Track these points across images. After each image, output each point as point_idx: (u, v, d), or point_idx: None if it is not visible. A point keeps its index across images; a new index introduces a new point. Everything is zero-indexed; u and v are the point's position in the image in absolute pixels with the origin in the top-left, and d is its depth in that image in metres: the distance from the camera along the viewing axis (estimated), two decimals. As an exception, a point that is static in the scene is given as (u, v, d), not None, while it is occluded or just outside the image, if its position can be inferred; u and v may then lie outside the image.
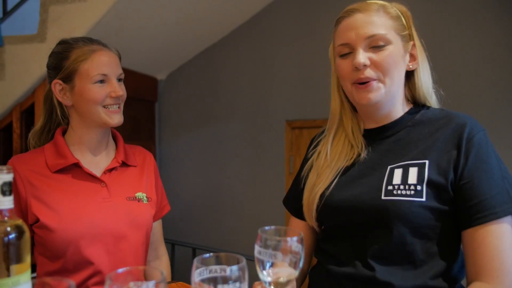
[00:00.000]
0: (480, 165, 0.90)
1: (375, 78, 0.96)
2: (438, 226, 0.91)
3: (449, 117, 0.98)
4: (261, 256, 0.73)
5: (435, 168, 0.92)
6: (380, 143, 1.03)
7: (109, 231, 1.16)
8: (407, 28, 1.00)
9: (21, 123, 2.69)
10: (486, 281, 0.85)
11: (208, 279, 0.67)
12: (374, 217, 0.93)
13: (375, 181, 0.97)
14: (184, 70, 3.68)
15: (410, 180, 0.92)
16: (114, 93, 1.18)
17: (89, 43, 1.20)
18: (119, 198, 1.21)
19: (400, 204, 0.90)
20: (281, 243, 0.73)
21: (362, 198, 0.96)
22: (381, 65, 0.95)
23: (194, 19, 3.04)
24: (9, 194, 0.74)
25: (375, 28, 0.95)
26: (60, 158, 1.19)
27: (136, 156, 1.33)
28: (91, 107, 1.18)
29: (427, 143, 0.96)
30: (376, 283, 0.91)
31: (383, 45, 0.95)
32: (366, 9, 0.98)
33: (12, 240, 0.72)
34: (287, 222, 3.16)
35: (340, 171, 1.03)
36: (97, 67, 1.17)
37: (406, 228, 0.90)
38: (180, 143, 3.72)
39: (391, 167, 0.97)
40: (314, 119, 3.07)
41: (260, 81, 3.34)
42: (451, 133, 0.94)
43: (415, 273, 0.91)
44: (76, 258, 1.12)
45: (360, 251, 0.96)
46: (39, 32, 2.57)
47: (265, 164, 3.31)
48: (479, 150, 0.91)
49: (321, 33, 3.00)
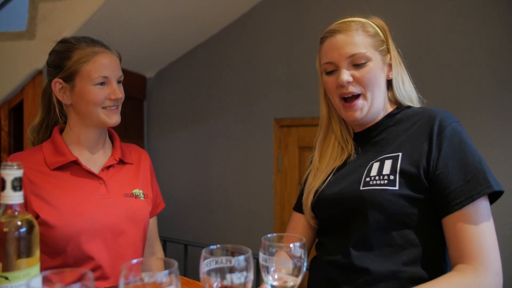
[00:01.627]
0: (454, 155, 0.95)
1: (358, 93, 1.07)
2: (414, 214, 0.96)
3: (424, 112, 1.05)
4: (266, 263, 0.77)
5: (408, 159, 0.99)
6: (367, 144, 1.12)
7: (108, 227, 1.18)
8: (384, 42, 1.10)
9: (9, 121, 2.67)
10: (468, 263, 0.90)
11: (215, 270, 0.70)
12: (353, 206, 1.02)
13: (357, 176, 1.05)
14: (172, 68, 3.68)
15: (384, 171, 1.00)
16: (114, 96, 1.20)
17: (92, 44, 1.21)
18: (117, 194, 1.23)
19: (375, 192, 0.98)
20: (284, 249, 0.77)
21: (345, 191, 1.05)
22: (362, 81, 1.06)
23: (183, 18, 3.05)
24: (19, 189, 0.76)
25: (355, 48, 1.05)
26: (59, 155, 1.20)
27: (132, 154, 1.35)
28: (90, 108, 1.20)
29: (403, 138, 1.04)
30: (354, 269, 0.98)
31: (364, 62, 1.05)
32: (346, 29, 1.07)
33: (23, 234, 0.75)
34: (275, 219, 3.21)
35: (333, 171, 1.13)
36: (99, 70, 1.18)
37: (382, 215, 0.97)
38: (169, 141, 3.73)
39: (372, 162, 1.05)
40: (302, 118, 3.12)
41: (249, 80, 3.37)
42: (422, 126, 1.02)
43: (392, 259, 0.96)
44: (76, 253, 1.14)
45: (343, 240, 1.03)
46: (28, 29, 2.55)
47: (254, 161, 3.35)
48: (451, 140, 0.97)
49: (309, 33, 3.05)
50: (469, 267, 0.89)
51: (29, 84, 2.60)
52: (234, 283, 0.68)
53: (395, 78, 1.10)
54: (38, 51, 2.54)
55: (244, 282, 0.69)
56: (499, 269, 0.90)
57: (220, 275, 0.70)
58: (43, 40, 2.54)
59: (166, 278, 0.62)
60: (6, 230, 0.73)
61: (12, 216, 0.75)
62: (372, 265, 0.97)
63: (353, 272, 0.99)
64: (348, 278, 0.99)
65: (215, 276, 0.70)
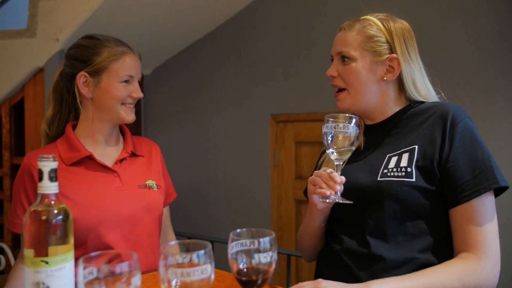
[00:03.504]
0: (464, 149, 1.02)
1: (342, 87, 1.15)
2: (427, 205, 1.04)
3: (437, 107, 1.11)
4: (328, 129, 1.03)
5: (423, 152, 1.05)
6: (379, 137, 1.17)
7: (125, 218, 1.23)
8: (386, 42, 1.13)
9: (10, 118, 2.69)
10: (471, 252, 0.98)
11: (242, 251, 0.76)
12: (370, 196, 1.07)
13: (374, 167, 1.11)
14: (169, 65, 3.72)
15: (402, 163, 1.06)
16: (135, 94, 1.28)
17: (120, 44, 1.29)
18: (131, 186, 1.28)
19: (392, 183, 1.04)
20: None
21: (361, 181, 1.10)
22: (343, 77, 1.14)
23: (179, 15, 3.09)
24: (55, 180, 0.81)
25: (343, 46, 1.14)
26: (74, 151, 1.25)
27: (143, 147, 1.41)
28: (113, 103, 1.26)
29: (418, 131, 1.10)
30: (371, 257, 1.05)
31: (348, 60, 1.13)
32: (347, 28, 1.15)
33: (59, 222, 0.80)
34: (273, 212, 3.27)
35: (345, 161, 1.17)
36: (127, 68, 1.26)
37: (398, 205, 1.03)
38: (166, 138, 3.77)
39: (389, 155, 1.11)
40: (298, 113, 3.18)
41: (245, 76, 3.42)
42: (436, 121, 1.08)
43: (406, 247, 1.03)
44: (96, 244, 1.19)
45: (359, 229, 1.09)
46: (29, 27, 2.57)
47: (251, 157, 3.41)
48: (463, 135, 1.03)
49: (304, 29, 3.11)
50: (472, 255, 0.98)
51: (29, 82, 2.62)
52: (261, 262, 0.74)
53: (404, 79, 1.13)
54: (39, 49, 2.56)
55: (270, 261, 0.75)
56: (498, 259, 0.99)
57: (246, 256, 0.76)
58: (44, 38, 2.56)
59: (202, 258, 0.67)
60: (44, 218, 0.78)
61: (48, 205, 0.80)
62: (388, 253, 1.03)
63: (369, 259, 1.05)
64: (364, 266, 1.05)
65: (241, 257, 0.76)
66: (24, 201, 1.21)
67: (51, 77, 2.57)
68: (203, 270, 0.67)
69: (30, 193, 1.20)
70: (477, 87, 2.50)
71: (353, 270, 1.06)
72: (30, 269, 0.76)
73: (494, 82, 2.45)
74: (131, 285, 0.63)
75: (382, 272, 1.02)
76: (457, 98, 2.54)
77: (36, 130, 2.62)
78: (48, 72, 2.58)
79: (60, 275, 0.77)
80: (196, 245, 0.71)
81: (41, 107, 2.60)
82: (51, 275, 0.76)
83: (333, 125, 1.04)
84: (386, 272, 1.02)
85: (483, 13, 2.48)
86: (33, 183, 1.20)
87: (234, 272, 0.77)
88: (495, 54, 2.44)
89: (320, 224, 1.16)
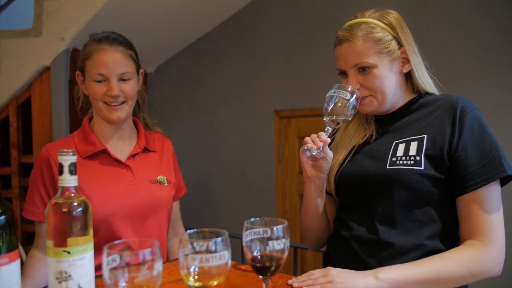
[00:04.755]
0: (473, 139, 1.05)
1: (367, 95, 1.14)
2: (436, 193, 1.06)
3: (446, 98, 1.14)
4: (333, 92, 1.12)
5: (432, 141, 1.08)
6: (389, 127, 1.19)
7: (135, 211, 1.27)
8: (395, 38, 1.13)
9: (17, 117, 2.73)
10: (478, 239, 1.01)
11: (256, 239, 0.80)
12: (379, 184, 1.10)
13: (382, 155, 1.13)
14: (172, 62, 3.75)
15: (411, 152, 1.09)
16: (109, 93, 1.25)
17: (98, 42, 1.27)
18: (142, 181, 1.32)
19: (402, 171, 1.07)
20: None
21: (370, 169, 1.13)
22: (368, 86, 1.13)
23: (182, 12, 3.11)
24: (75, 173, 0.84)
25: (358, 58, 1.11)
26: (89, 145, 1.29)
27: (156, 142, 1.44)
28: (94, 102, 1.29)
29: (427, 121, 1.13)
30: (380, 243, 1.07)
31: (368, 69, 1.11)
32: (351, 38, 1.12)
33: (79, 214, 0.83)
34: (277, 207, 3.31)
35: (354, 148, 1.21)
36: (96, 67, 1.25)
37: (407, 193, 1.06)
38: (170, 134, 3.75)
39: (396, 142, 1.13)
40: (302, 109, 3.21)
41: (248, 73, 3.44)
42: (445, 111, 1.10)
43: (414, 234, 1.06)
44: (107, 235, 1.23)
45: (368, 216, 1.12)
46: (34, 27, 2.60)
47: (255, 153, 3.44)
48: (472, 125, 1.06)
49: (307, 25, 3.13)
50: (478, 242, 1.01)
51: (36, 81, 2.65)
52: (275, 249, 0.78)
53: (414, 69, 1.16)
54: (45, 48, 2.59)
55: (283, 248, 0.78)
56: (503, 246, 1.02)
57: (260, 244, 0.79)
58: (50, 37, 2.59)
59: (219, 244, 0.71)
60: (66, 210, 0.81)
61: (68, 198, 0.83)
62: (397, 239, 1.06)
63: (378, 246, 1.08)
64: (373, 252, 1.08)
65: (255, 245, 0.79)
66: (41, 189, 1.24)
67: (58, 75, 2.61)
68: (220, 256, 0.70)
69: (48, 183, 1.24)
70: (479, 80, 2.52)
71: (361, 256, 1.09)
72: (53, 259, 0.79)
73: (495, 74, 2.47)
74: (153, 270, 0.66)
75: (390, 258, 1.05)
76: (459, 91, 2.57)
77: (44, 129, 2.66)
78: (54, 71, 2.61)
79: (82, 265, 0.80)
80: (213, 233, 0.74)
81: (48, 105, 2.63)
82: (73, 265, 0.79)
83: (339, 91, 1.12)
84: (394, 259, 1.05)
85: (484, 5, 2.50)
86: (50, 173, 1.23)
87: (248, 259, 0.80)
88: (496, 46, 2.46)
89: (315, 199, 1.18)
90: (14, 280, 0.80)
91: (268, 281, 0.82)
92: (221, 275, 0.71)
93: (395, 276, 0.96)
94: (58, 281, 0.79)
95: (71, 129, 2.63)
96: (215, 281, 0.71)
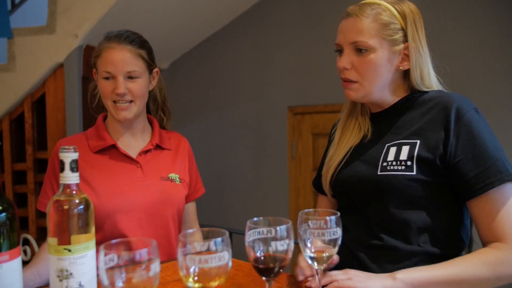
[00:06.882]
0: (472, 142, 0.98)
1: (354, 81, 1.08)
2: (429, 197, 1.02)
3: (440, 98, 1.06)
4: (306, 235, 0.82)
5: (425, 146, 1.02)
6: (382, 125, 1.14)
7: (143, 208, 1.27)
8: (401, 29, 1.06)
9: (32, 113, 2.76)
10: (503, 241, 0.96)
11: (259, 239, 0.77)
12: (371, 190, 1.06)
13: (374, 158, 1.09)
14: (186, 59, 3.74)
15: (401, 156, 1.03)
16: (115, 90, 1.25)
17: (108, 40, 1.28)
18: (153, 178, 1.31)
19: (393, 177, 1.02)
20: (322, 222, 0.82)
21: (363, 174, 1.09)
22: (360, 70, 1.06)
23: (195, 8, 3.10)
24: (76, 170, 0.83)
25: (359, 35, 1.04)
26: (100, 140, 1.31)
27: (172, 141, 1.43)
28: (104, 100, 1.31)
29: (419, 123, 1.06)
30: (378, 247, 1.04)
31: (365, 51, 1.05)
32: (358, 14, 1.05)
33: (81, 211, 0.82)
34: (290, 204, 3.28)
35: (350, 150, 1.16)
36: (104, 65, 1.26)
37: (400, 199, 1.02)
38: (183, 131, 3.77)
39: (388, 145, 1.08)
40: (315, 105, 3.17)
41: (262, 69, 3.42)
42: (439, 113, 1.03)
43: (410, 239, 1.02)
44: (112, 231, 1.23)
45: (364, 221, 1.08)
46: (48, 24, 2.62)
47: (268, 149, 3.42)
48: (470, 128, 0.99)
49: (321, 20, 3.08)
50: (505, 245, 0.96)
51: (50, 78, 2.68)
52: (278, 250, 0.75)
53: (412, 69, 1.08)
54: (59, 45, 2.61)
55: (287, 249, 0.76)
56: None
57: (263, 244, 0.77)
58: (63, 34, 2.61)
59: (220, 245, 0.68)
60: (67, 208, 0.80)
61: (70, 195, 0.82)
62: (395, 244, 1.03)
63: (377, 250, 1.04)
64: (373, 257, 1.05)
65: (258, 245, 0.77)
66: (53, 182, 1.27)
67: (71, 72, 2.63)
68: (220, 257, 0.68)
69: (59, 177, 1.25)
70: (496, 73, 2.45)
71: (361, 259, 1.06)
72: (54, 257, 0.78)
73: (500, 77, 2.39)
74: (150, 271, 0.65)
75: (390, 263, 1.02)
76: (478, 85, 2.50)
77: (58, 125, 2.68)
78: (68, 68, 2.63)
79: (83, 263, 0.79)
80: (214, 233, 0.72)
81: (62, 102, 2.66)
82: (73, 263, 0.78)
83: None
84: (394, 263, 1.02)
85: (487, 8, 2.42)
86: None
87: (251, 260, 0.78)
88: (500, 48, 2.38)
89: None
90: (15, 277, 0.79)
91: (271, 282, 0.79)
92: (221, 276, 0.69)
93: (414, 276, 0.93)
94: (59, 279, 0.78)
95: (84, 125, 2.65)
96: (215, 282, 0.69)
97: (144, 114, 1.38)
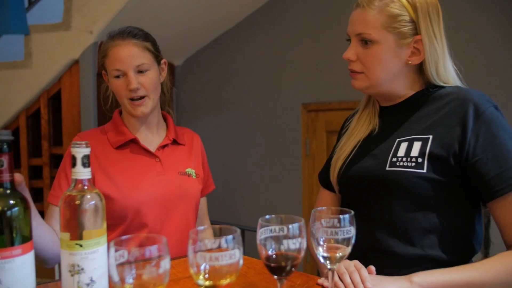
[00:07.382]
0: (493, 141, 0.94)
1: (359, 72, 1.05)
2: (440, 197, 0.97)
3: (457, 93, 1.02)
4: (319, 233, 0.80)
5: (438, 142, 0.97)
6: (393, 119, 1.10)
7: (162, 201, 1.28)
8: (411, 22, 1.01)
9: (48, 109, 2.79)
10: None
11: (271, 237, 0.76)
12: (378, 186, 1.02)
13: (383, 153, 1.05)
14: (200, 55, 3.74)
15: (412, 153, 0.99)
16: (128, 86, 1.25)
17: (112, 38, 1.28)
18: (171, 172, 1.32)
19: (401, 174, 0.98)
20: (335, 221, 0.80)
21: (370, 168, 1.05)
22: (365, 62, 1.04)
23: (209, 5, 3.09)
24: (88, 166, 0.82)
25: (363, 27, 1.02)
26: (120, 135, 1.32)
27: (185, 136, 1.44)
28: (119, 99, 1.31)
29: (434, 118, 1.02)
30: (379, 251, 1.01)
31: (370, 43, 1.02)
32: (365, 5, 1.02)
33: (92, 207, 0.82)
34: (304, 202, 3.26)
35: (358, 143, 1.12)
36: (113, 63, 1.26)
37: (406, 197, 0.98)
38: (197, 128, 3.79)
39: (398, 140, 1.04)
40: (330, 102, 3.14)
41: (276, 66, 3.40)
42: (455, 108, 0.99)
43: (416, 242, 0.98)
44: (134, 224, 1.24)
45: (367, 221, 1.04)
46: (64, 21, 2.65)
47: (282, 146, 3.40)
48: (490, 126, 0.95)
49: (336, 17, 3.05)
50: None
51: (66, 74, 2.71)
52: (290, 248, 0.74)
53: (427, 63, 1.03)
54: (74, 42, 2.64)
55: (299, 247, 0.74)
56: None
57: (275, 242, 0.75)
58: (78, 30, 2.63)
59: (231, 243, 0.67)
60: (78, 203, 0.80)
61: (82, 190, 0.82)
62: (397, 248, 0.99)
63: (378, 253, 1.01)
64: (374, 260, 0.99)
65: (270, 244, 0.76)
66: (69, 175, 1.27)
67: (86, 68, 2.65)
68: (231, 255, 0.67)
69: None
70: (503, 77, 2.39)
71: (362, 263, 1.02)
72: (66, 251, 0.78)
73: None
74: (160, 268, 0.64)
75: (392, 267, 0.98)
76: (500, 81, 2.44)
77: (73, 121, 2.71)
78: (83, 64, 2.65)
79: (94, 258, 0.79)
80: (225, 231, 0.71)
81: (77, 98, 2.68)
82: (85, 258, 0.78)
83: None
84: (396, 268, 0.98)
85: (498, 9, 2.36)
86: None
87: (263, 258, 0.77)
88: None
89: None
90: (28, 271, 0.79)
91: (283, 281, 0.78)
92: (232, 273, 0.68)
93: (431, 280, 0.89)
94: (71, 274, 0.78)
95: (99, 121, 2.68)
96: (226, 280, 0.68)
97: (158, 108, 1.39)
